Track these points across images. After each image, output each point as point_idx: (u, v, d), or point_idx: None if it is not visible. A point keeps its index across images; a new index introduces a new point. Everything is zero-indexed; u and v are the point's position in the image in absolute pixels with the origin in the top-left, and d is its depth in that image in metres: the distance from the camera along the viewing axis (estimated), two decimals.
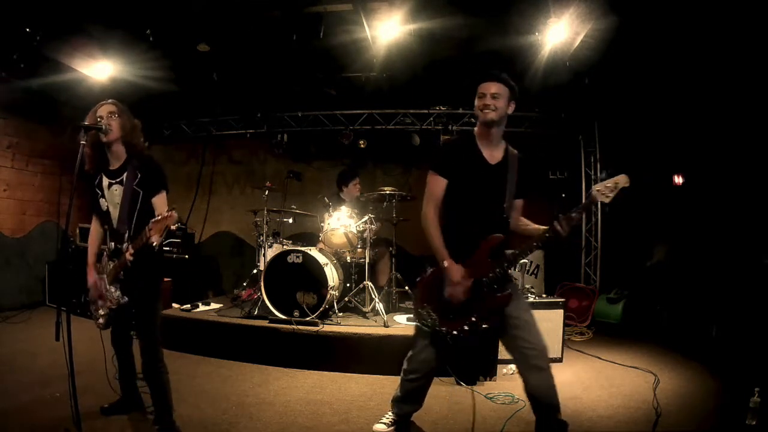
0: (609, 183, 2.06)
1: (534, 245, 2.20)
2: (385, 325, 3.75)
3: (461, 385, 3.30)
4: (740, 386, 2.84)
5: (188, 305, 4.40)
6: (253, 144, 6.74)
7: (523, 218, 2.39)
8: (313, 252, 4.07)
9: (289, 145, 6.33)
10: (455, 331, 2.23)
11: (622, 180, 2.06)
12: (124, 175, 2.34)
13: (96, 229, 2.52)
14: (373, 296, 4.17)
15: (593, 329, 5.00)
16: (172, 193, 2.46)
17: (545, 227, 2.18)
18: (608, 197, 2.06)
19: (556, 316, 3.87)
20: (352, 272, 4.57)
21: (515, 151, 2.36)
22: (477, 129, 2.33)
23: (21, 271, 5.54)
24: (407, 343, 3.47)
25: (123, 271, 2.29)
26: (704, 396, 3.13)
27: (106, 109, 2.32)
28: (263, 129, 6.32)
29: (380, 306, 4.03)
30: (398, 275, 4.59)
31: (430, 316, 2.29)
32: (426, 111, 5.99)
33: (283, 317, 3.85)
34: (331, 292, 3.89)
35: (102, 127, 2.24)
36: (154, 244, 2.09)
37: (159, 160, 2.49)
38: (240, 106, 6.26)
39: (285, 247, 4.38)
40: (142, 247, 2.15)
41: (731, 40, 3.79)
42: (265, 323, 3.85)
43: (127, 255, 2.19)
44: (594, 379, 3.50)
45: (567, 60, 4.41)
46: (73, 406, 2.09)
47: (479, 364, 3.41)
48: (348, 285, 4.50)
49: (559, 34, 4.03)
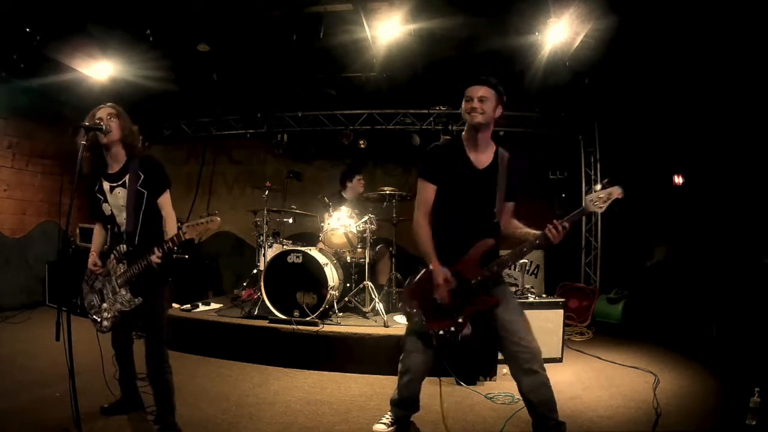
0: (602, 194, 2.10)
1: (524, 251, 2.20)
2: (385, 325, 3.75)
3: (461, 385, 3.30)
4: (740, 386, 2.84)
5: (188, 305, 4.40)
6: (253, 144, 6.74)
7: (515, 221, 2.38)
8: (313, 252, 4.07)
9: (289, 145, 6.33)
10: (441, 331, 2.25)
11: (615, 192, 2.10)
12: (126, 177, 2.34)
13: (99, 233, 2.52)
14: (373, 296, 4.17)
15: (593, 329, 5.00)
16: (173, 193, 2.47)
17: (537, 232, 2.18)
18: (601, 207, 2.10)
19: (556, 316, 3.87)
20: (352, 272, 4.57)
21: (506, 153, 2.35)
22: (464, 133, 2.34)
23: (21, 271, 5.54)
24: None
25: (138, 274, 2.29)
26: (704, 396, 3.13)
27: (105, 111, 2.33)
28: (263, 129, 6.32)
29: (380, 306, 4.03)
30: (398, 275, 4.59)
31: (418, 314, 2.31)
32: (426, 111, 5.99)
33: (283, 317, 3.85)
34: (331, 292, 3.89)
35: (102, 127, 2.24)
36: (187, 238, 2.15)
37: (159, 159, 2.50)
38: (240, 106, 6.26)
39: (285, 247, 4.38)
40: (170, 251, 2.19)
41: (731, 40, 3.79)
42: (265, 323, 3.85)
43: (155, 258, 2.21)
44: (594, 379, 3.50)
45: (567, 60, 4.41)
46: (73, 406, 2.09)
47: (479, 364, 3.41)
48: (348, 285, 4.50)
49: (559, 34, 4.03)
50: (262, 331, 3.80)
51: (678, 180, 5.29)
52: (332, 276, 4.01)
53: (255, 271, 4.99)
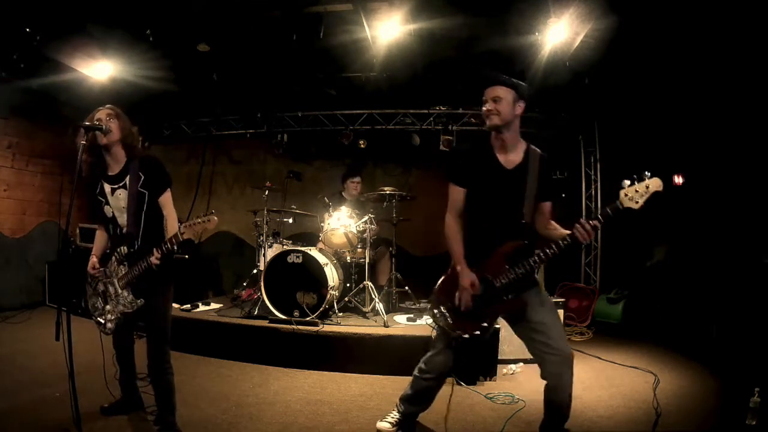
0: (639, 187, 1.87)
1: (552, 251, 2.11)
2: (385, 325, 3.75)
3: (461, 385, 3.30)
4: (740, 386, 2.84)
5: (188, 305, 4.40)
6: (253, 144, 6.74)
7: (553, 222, 2.27)
8: (313, 252, 4.07)
9: (289, 145, 6.33)
10: (467, 334, 2.22)
11: (654, 184, 1.86)
12: (126, 179, 2.34)
13: (102, 236, 2.52)
14: (373, 296, 4.17)
15: (593, 329, 5.00)
16: (173, 193, 2.46)
17: (567, 232, 2.10)
18: (638, 203, 1.89)
19: None
20: (352, 272, 4.57)
21: (538, 151, 2.28)
22: (492, 133, 2.28)
23: (21, 271, 5.54)
24: (407, 343, 3.52)
25: (139, 275, 2.29)
26: (704, 396, 3.13)
27: (104, 112, 2.33)
28: (263, 129, 6.31)
29: (380, 306, 4.03)
30: (398, 275, 4.59)
31: (444, 317, 2.28)
32: (426, 111, 5.98)
33: (283, 317, 3.85)
34: (331, 292, 3.89)
35: (102, 126, 2.24)
36: (185, 238, 2.15)
37: (159, 158, 2.50)
38: (240, 106, 6.26)
39: (285, 247, 4.38)
40: (169, 252, 2.19)
41: (731, 40, 3.79)
42: (265, 323, 3.85)
43: (153, 260, 2.21)
44: (594, 379, 3.50)
45: (567, 60, 4.41)
46: (73, 406, 2.09)
47: (479, 364, 3.41)
48: (348, 285, 4.51)
49: (559, 34, 4.03)
50: (262, 331, 3.79)
51: (678, 180, 5.28)
52: (332, 276, 4.01)
53: (255, 271, 4.99)
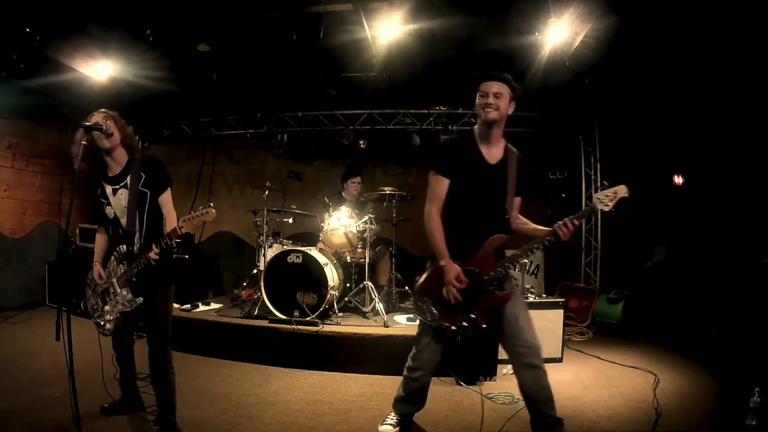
0: (609, 192, 2.13)
1: (535, 247, 2.22)
2: (385, 325, 3.75)
3: (461, 385, 3.30)
4: (740, 386, 2.84)
5: (188, 305, 4.40)
6: (253, 144, 6.73)
7: (521, 216, 2.39)
8: (313, 252, 4.07)
9: (289, 145, 6.33)
10: (454, 326, 2.24)
11: (621, 191, 2.13)
12: (128, 178, 2.34)
13: (102, 237, 2.50)
14: (373, 296, 4.17)
15: (593, 329, 5.00)
16: (173, 193, 2.46)
17: (547, 229, 2.19)
18: (608, 206, 2.13)
19: (556, 316, 3.87)
20: (352, 272, 4.57)
21: (515, 150, 2.36)
22: (477, 128, 2.34)
23: (21, 271, 5.54)
24: (407, 343, 3.48)
25: (138, 272, 2.29)
26: (704, 396, 3.13)
27: (101, 116, 2.33)
28: (263, 129, 6.32)
29: (380, 306, 4.03)
30: (398, 275, 4.59)
31: (430, 310, 2.30)
32: (426, 111, 5.99)
33: (283, 317, 3.85)
34: (331, 292, 3.89)
35: (102, 126, 2.24)
36: (184, 232, 2.14)
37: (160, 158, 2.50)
38: (240, 106, 6.25)
39: (285, 247, 4.38)
40: (168, 247, 2.18)
41: (731, 40, 3.79)
42: (265, 323, 3.85)
43: (152, 254, 2.20)
44: (594, 379, 3.50)
45: (567, 60, 4.41)
46: (73, 406, 2.09)
47: (479, 364, 3.41)
48: (348, 285, 4.50)
49: (559, 34, 4.03)
50: (262, 331, 3.79)
51: (678, 180, 5.29)
52: (332, 276, 4.01)
53: (255, 271, 4.99)
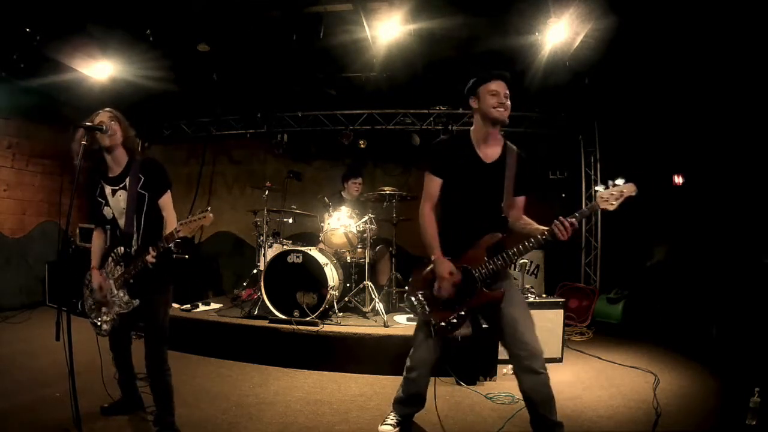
0: (614, 191, 2.02)
1: (530, 245, 2.18)
2: (385, 325, 3.75)
3: (461, 385, 3.30)
4: (740, 386, 2.84)
5: (188, 305, 4.40)
6: (253, 144, 6.73)
7: (525, 217, 2.36)
8: (313, 252, 4.07)
9: (289, 145, 6.33)
10: (443, 322, 2.25)
11: (628, 189, 2.01)
12: (127, 180, 2.34)
13: (99, 239, 2.49)
14: (373, 296, 4.17)
15: (593, 329, 5.00)
16: (173, 194, 2.46)
17: (545, 228, 2.18)
18: (612, 205, 2.03)
19: (556, 316, 3.87)
20: (352, 272, 4.57)
21: (514, 148, 2.36)
22: (477, 127, 2.34)
23: (21, 271, 5.54)
24: (407, 343, 3.48)
25: (135, 275, 2.29)
26: (704, 396, 3.13)
27: (106, 115, 2.33)
28: (263, 129, 6.31)
29: (380, 306, 4.03)
30: (398, 275, 4.59)
31: (420, 304, 2.32)
32: (426, 111, 5.99)
33: (283, 317, 3.85)
34: (331, 292, 3.89)
35: (103, 127, 2.24)
36: (181, 236, 2.15)
37: (159, 160, 2.50)
38: (240, 106, 6.25)
39: (285, 247, 4.38)
40: (165, 251, 2.18)
41: (731, 40, 3.79)
42: (265, 323, 3.85)
43: (149, 258, 2.19)
44: (594, 379, 3.50)
45: (567, 60, 4.41)
46: (73, 406, 2.09)
47: (479, 364, 3.41)
48: (348, 285, 4.51)
49: (559, 34, 4.03)
50: (262, 331, 3.79)
51: (678, 180, 5.29)
52: (332, 276, 4.01)
53: (255, 271, 4.99)
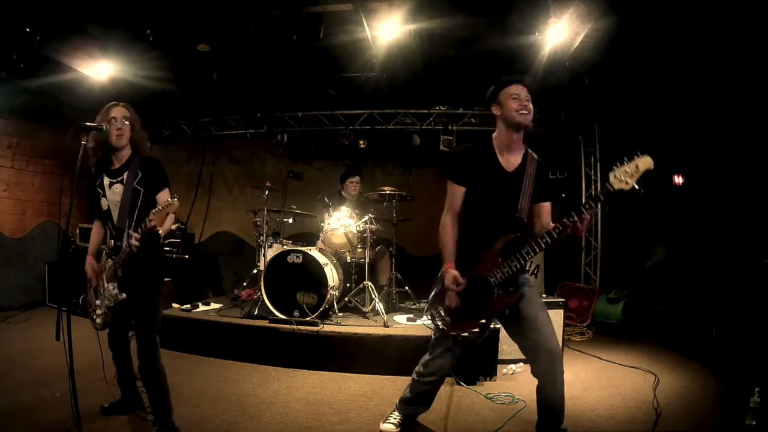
0: (629, 167, 1.77)
1: (546, 241, 2.08)
2: (385, 325, 3.75)
3: (461, 385, 3.30)
4: (740, 386, 2.84)
5: (188, 305, 4.40)
6: (253, 144, 6.75)
7: (553, 223, 2.22)
8: (313, 252, 4.07)
9: (289, 145, 6.34)
10: (465, 332, 2.22)
11: (644, 163, 1.75)
12: (124, 175, 2.35)
13: (97, 230, 2.52)
14: (373, 296, 4.17)
15: (593, 329, 5.00)
16: (172, 194, 2.46)
17: (557, 223, 2.07)
18: (628, 183, 1.78)
19: (556, 316, 3.85)
20: (352, 272, 4.57)
21: (535, 156, 2.31)
22: (499, 134, 2.28)
23: (21, 271, 5.54)
24: (407, 343, 3.52)
25: (123, 267, 2.28)
26: (704, 396, 3.13)
27: (121, 112, 2.34)
28: (263, 129, 6.32)
29: (380, 306, 4.03)
30: (398, 275, 4.59)
31: (441, 317, 2.28)
32: (426, 111, 5.99)
33: (283, 317, 3.85)
34: (331, 292, 3.89)
35: (102, 127, 2.24)
36: (159, 232, 2.12)
37: (159, 159, 2.50)
38: (240, 106, 6.26)
39: (285, 247, 4.38)
40: (148, 233, 2.14)
41: (731, 40, 3.79)
42: (265, 323, 3.84)
43: (133, 241, 2.15)
44: (594, 379, 3.50)
45: (567, 60, 4.41)
46: (73, 406, 2.09)
47: (479, 364, 3.41)
48: (348, 285, 4.50)
49: (559, 34, 4.03)
50: (262, 331, 3.79)
51: (678, 180, 5.30)
52: (332, 276, 4.01)
53: (255, 271, 4.99)
